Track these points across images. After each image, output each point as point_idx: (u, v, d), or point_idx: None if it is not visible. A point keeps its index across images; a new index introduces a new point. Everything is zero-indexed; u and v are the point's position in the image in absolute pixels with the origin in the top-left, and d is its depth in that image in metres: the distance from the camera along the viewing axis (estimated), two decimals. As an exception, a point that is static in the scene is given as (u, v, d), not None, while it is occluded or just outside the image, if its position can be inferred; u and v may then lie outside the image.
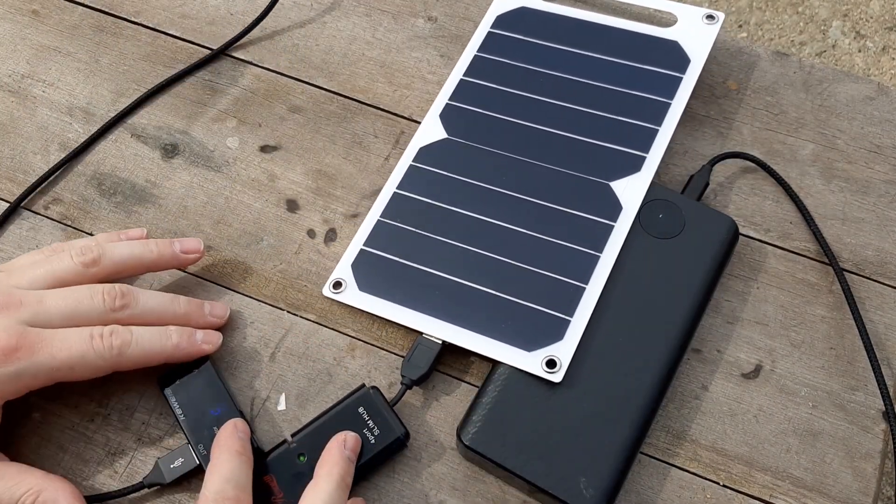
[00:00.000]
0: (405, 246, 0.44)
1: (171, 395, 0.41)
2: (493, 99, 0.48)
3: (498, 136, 0.47)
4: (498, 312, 0.42)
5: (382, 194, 0.46)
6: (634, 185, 0.44)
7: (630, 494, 0.40)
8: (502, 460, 0.38)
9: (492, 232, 0.44)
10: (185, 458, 0.39)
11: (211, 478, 0.36)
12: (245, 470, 0.37)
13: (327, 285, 0.44)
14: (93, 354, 0.37)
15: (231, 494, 0.36)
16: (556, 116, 0.47)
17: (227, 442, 0.38)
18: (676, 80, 0.48)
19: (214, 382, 0.41)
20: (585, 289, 0.42)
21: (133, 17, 0.54)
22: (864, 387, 0.42)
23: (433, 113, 0.49)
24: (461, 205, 0.45)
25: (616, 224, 0.43)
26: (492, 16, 0.52)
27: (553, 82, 0.48)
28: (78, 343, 0.37)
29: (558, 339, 0.41)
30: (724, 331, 0.43)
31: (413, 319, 0.42)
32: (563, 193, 0.45)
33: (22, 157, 0.49)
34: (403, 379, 0.41)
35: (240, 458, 0.37)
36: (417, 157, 0.47)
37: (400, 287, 0.43)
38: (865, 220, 0.46)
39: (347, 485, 0.37)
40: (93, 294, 0.39)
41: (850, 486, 0.40)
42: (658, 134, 0.46)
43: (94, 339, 0.38)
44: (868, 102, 0.50)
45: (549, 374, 0.40)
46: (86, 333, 0.38)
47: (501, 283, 0.42)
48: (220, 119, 0.50)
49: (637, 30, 0.50)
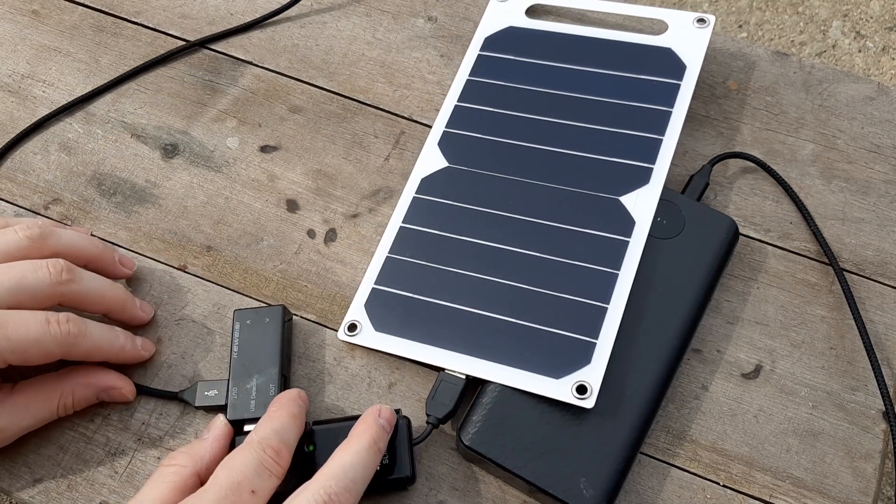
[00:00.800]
0: (417, 281, 0.43)
1: (237, 326, 0.41)
2: (491, 122, 0.48)
3: (500, 159, 0.46)
4: (520, 341, 0.41)
5: (388, 230, 0.45)
6: (645, 198, 0.44)
7: (630, 494, 0.40)
8: (502, 460, 0.38)
9: (505, 258, 0.43)
10: (220, 392, 0.40)
11: (262, 425, 0.36)
12: (295, 431, 0.37)
13: (342, 329, 0.43)
14: (49, 339, 0.37)
15: (275, 444, 0.35)
16: (556, 135, 0.47)
17: (287, 402, 0.38)
18: (674, 87, 0.47)
19: (277, 339, 0.41)
20: (608, 308, 0.41)
21: (133, 17, 0.54)
22: (864, 387, 0.42)
23: (431, 142, 0.48)
24: (470, 233, 0.44)
25: (631, 239, 0.43)
26: (480, 38, 0.51)
27: (550, 100, 0.48)
28: (34, 326, 0.37)
29: (586, 364, 0.40)
30: (724, 331, 0.43)
31: (434, 356, 0.41)
32: (573, 213, 0.44)
33: (22, 157, 0.49)
34: (429, 418, 0.40)
35: (293, 420, 0.37)
36: (420, 188, 0.46)
37: (417, 324, 0.42)
38: (865, 220, 0.46)
39: (380, 449, 0.37)
40: (37, 268, 0.38)
41: (850, 486, 0.40)
42: (662, 143, 0.45)
43: (51, 324, 0.37)
44: (868, 102, 0.50)
45: (581, 401, 0.38)
46: (41, 317, 0.37)
47: (520, 310, 0.41)
48: (220, 119, 0.50)
49: (628, 40, 0.49)
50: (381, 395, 0.42)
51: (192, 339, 0.43)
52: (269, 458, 0.35)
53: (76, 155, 0.49)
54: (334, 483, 0.34)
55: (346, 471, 0.35)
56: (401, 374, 0.42)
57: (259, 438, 0.35)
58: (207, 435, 0.38)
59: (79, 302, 0.40)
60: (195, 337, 0.43)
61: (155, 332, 0.44)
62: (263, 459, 0.35)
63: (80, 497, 0.40)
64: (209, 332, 0.44)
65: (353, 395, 0.42)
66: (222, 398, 0.40)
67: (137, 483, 0.40)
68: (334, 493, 0.34)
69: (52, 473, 0.40)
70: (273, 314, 0.42)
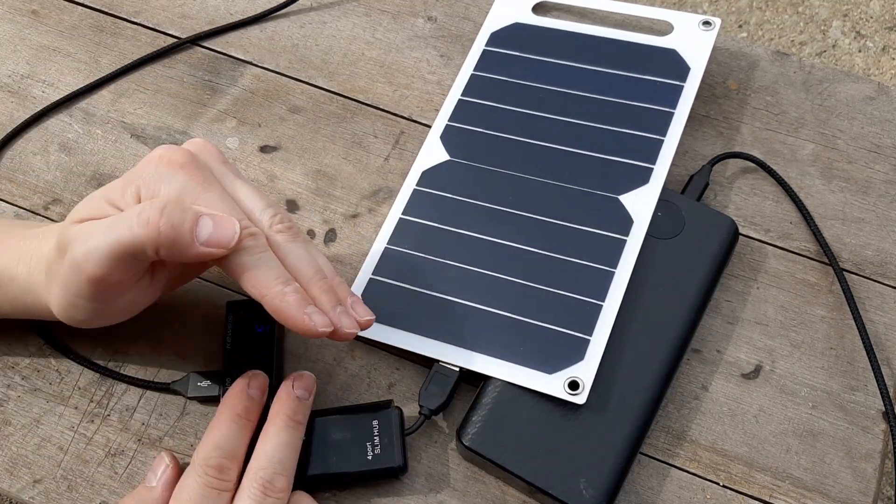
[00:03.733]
0: (415, 273, 0.43)
1: (231, 318, 0.41)
2: (494, 117, 0.48)
3: (501, 154, 0.46)
4: (514, 335, 0.41)
5: (388, 221, 0.45)
6: (644, 198, 0.44)
7: (630, 495, 0.40)
8: (502, 461, 0.38)
9: (503, 253, 0.43)
10: (213, 383, 0.40)
11: (203, 441, 0.37)
12: (239, 435, 0.37)
13: None
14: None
15: (214, 463, 0.36)
16: (558, 132, 0.47)
17: (229, 402, 0.38)
18: (677, 89, 0.47)
19: (271, 331, 0.41)
20: (602, 306, 0.41)
21: (133, 17, 0.54)
22: (864, 387, 0.42)
23: (433, 135, 0.48)
24: (469, 227, 0.44)
25: (628, 238, 0.43)
26: (486, 33, 0.51)
27: (553, 97, 0.48)
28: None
29: (579, 360, 0.40)
30: (724, 331, 0.43)
31: (428, 347, 0.41)
32: (573, 210, 0.44)
33: (22, 158, 0.49)
34: (422, 409, 0.40)
35: (237, 423, 0.37)
36: (421, 181, 0.46)
37: (412, 315, 0.42)
38: (865, 220, 0.46)
39: (298, 422, 0.37)
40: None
41: (850, 486, 0.40)
42: (663, 144, 0.45)
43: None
44: (868, 102, 0.50)
45: (572, 396, 0.39)
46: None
47: (516, 305, 0.42)
48: (220, 119, 0.50)
49: (634, 40, 0.49)
50: (380, 395, 0.42)
51: (192, 339, 0.43)
52: (212, 479, 0.36)
53: (76, 155, 0.49)
54: (263, 473, 0.36)
55: (270, 457, 0.36)
56: (400, 375, 0.42)
57: (200, 460, 0.36)
58: (155, 481, 0.38)
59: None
60: (195, 337, 0.43)
61: (155, 332, 0.44)
62: (207, 482, 0.36)
63: (80, 497, 0.40)
64: (209, 332, 0.44)
65: (352, 396, 0.42)
66: (215, 389, 0.40)
67: (137, 484, 0.40)
68: (267, 482, 0.35)
69: (52, 473, 0.40)
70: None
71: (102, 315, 0.36)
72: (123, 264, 0.33)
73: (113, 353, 0.43)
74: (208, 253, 0.33)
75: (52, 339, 0.43)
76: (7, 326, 0.42)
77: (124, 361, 0.43)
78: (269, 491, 0.35)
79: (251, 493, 0.35)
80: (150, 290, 0.37)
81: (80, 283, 0.34)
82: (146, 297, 0.37)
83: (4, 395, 0.42)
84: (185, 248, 0.33)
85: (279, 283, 0.34)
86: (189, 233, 0.33)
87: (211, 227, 0.33)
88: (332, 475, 0.38)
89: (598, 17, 0.52)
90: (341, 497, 0.39)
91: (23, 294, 0.38)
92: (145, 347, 0.43)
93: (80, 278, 0.34)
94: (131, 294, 0.36)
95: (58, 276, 0.35)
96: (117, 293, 0.35)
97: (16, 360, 0.43)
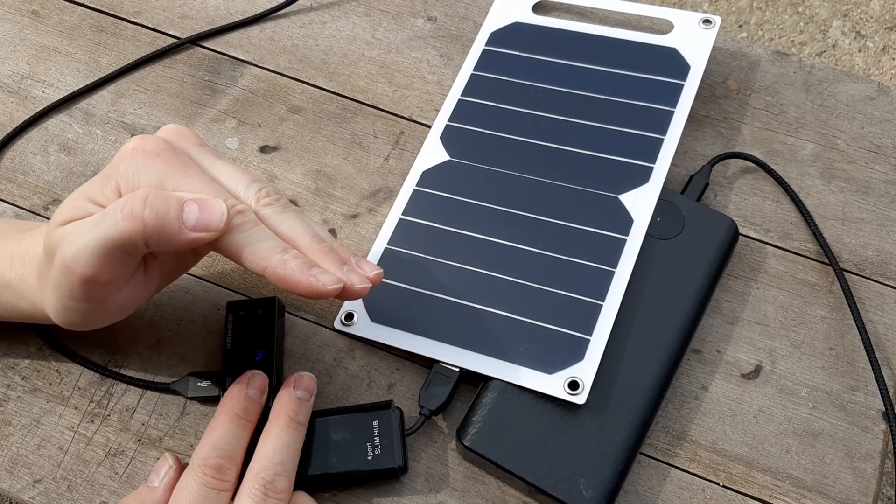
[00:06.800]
0: (415, 273, 0.43)
1: (231, 318, 0.41)
2: (494, 117, 0.48)
3: (501, 154, 0.46)
4: (514, 335, 0.41)
5: (388, 221, 0.45)
6: (644, 197, 0.44)
7: (630, 495, 0.40)
8: (502, 461, 0.38)
9: (503, 253, 0.43)
10: (213, 383, 0.40)
11: (202, 441, 0.37)
12: (238, 435, 0.37)
13: (338, 318, 0.43)
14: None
15: (213, 463, 0.36)
16: (558, 131, 0.47)
17: (228, 402, 0.38)
18: (678, 88, 0.47)
19: (271, 331, 0.41)
20: (602, 306, 0.41)
21: (133, 18, 0.54)
22: (864, 387, 0.42)
23: (433, 135, 0.48)
24: (469, 227, 0.44)
25: (628, 238, 0.43)
26: (486, 33, 0.51)
27: (553, 97, 0.48)
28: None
29: (579, 360, 0.40)
30: (724, 331, 0.43)
31: (429, 348, 0.41)
32: (572, 209, 0.44)
33: (21, 158, 0.49)
34: (422, 409, 0.40)
35: (236, 423, 0.37)
36: (421, 181, 0.46)
37: (413, 316, 0.42)
38: (865, 220, 0.46)
39: (299, 423, 0.37)
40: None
41: (850, 486, 0.40)
42: (663, 143, 0.45)
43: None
44: (868, 102, 0.50)
45: (572, 396, 0.39)
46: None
47: (516, 305, 0.42)
48: (220, 119, 0.50)
49: (634, 39, 0.49)
50: (380, 396, 0.42)
51: (192, 339, 0.43)
52: (211, 479, 0.36)
53: (76, 155, 0.49)
54: (264, 473, 0.35)
55: (271, 457, 0.36)
56: (400, 375, 0.42)
57: (199, 460, 0.36)
58: (157, 481, 0.37)
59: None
60: (195, 337, 0.43)
61: (155, 332, 0.44)
62: (206, 482, 0.35)
63: (80, 497, 0.40)
64: (209, 332, 0.44)
65: (353, 396, 0.42)
66: (215, 389, 0.40)
67: (137, 484, 0.40)
68: (268, 483, 0.35)
69: (52, 473, 0.40)
70: (266, 306, 0.42)
71: (99, 315, 0.36)
72: (113, 261, 0.33)
73: (113, 354, 0.43)
74: (198, 238, 0.33)
75: (52, 339, 0.43)
76: (7, 327, 0.42)
77: (124, 362, 0.43)
78: (270, 492, 0.35)
79: (252, 493, 0.35)
80: (144, 285, 0.37)
81: (73, 284, 0.33)
82: (141, 293, 0.37)
83: (4, 395, 0.42)
84: (173, 236, 0.33)
85: (277, 252, 0.33)
86: (176, 220, 0.32)
87: (197, 211, 0.33)
88: (332, 475, 0.38)
89: (597, 17, 0.52)
90: (341, 497, 0.40)
91: (18, 300, 0.38)
92: (145, 348, 0.43)
93: (71, 280, 0.33)
94: (126, 291, 0.36)
95: (49, 281, 0.34)
96: (111, 291, 0.35)
97: (16, 360, 0.43)
